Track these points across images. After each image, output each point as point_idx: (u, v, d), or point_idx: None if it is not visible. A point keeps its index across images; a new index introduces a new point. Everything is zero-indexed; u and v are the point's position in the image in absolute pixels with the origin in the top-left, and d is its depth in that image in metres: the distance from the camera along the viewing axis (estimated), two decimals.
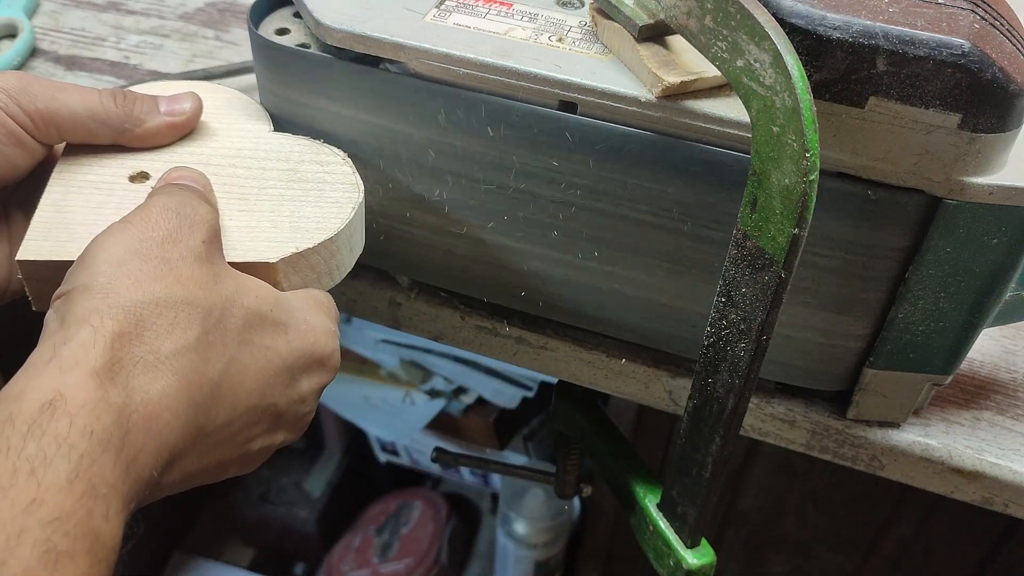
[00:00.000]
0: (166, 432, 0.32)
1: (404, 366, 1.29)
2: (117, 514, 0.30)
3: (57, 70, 0.70)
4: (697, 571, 0.46)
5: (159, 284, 0.34)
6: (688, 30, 0.37)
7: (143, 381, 0.32)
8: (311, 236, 0.42)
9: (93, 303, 0.33)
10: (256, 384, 0.36)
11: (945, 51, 0.35)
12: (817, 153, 0.32)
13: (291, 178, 0.45)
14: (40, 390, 0.30)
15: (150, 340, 0.33)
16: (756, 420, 0.50)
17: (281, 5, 0.49)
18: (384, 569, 1.27)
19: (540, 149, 0.43)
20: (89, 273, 0.34)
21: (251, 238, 0.41)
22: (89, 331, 0.32)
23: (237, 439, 0.36)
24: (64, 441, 0.29)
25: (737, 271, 0.37)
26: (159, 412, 0.32)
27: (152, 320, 0.33)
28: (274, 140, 0.47)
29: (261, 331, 0.37)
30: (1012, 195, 0.38)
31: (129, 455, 0.31)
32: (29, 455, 0.28)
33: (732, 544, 1.01)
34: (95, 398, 0.30)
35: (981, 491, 0.48)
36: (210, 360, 0.34)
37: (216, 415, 0.35)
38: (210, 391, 0.34)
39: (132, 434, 0.31)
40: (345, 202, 0.44)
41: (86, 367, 0.31)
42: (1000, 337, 0.54)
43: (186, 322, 0.34)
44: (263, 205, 0.43)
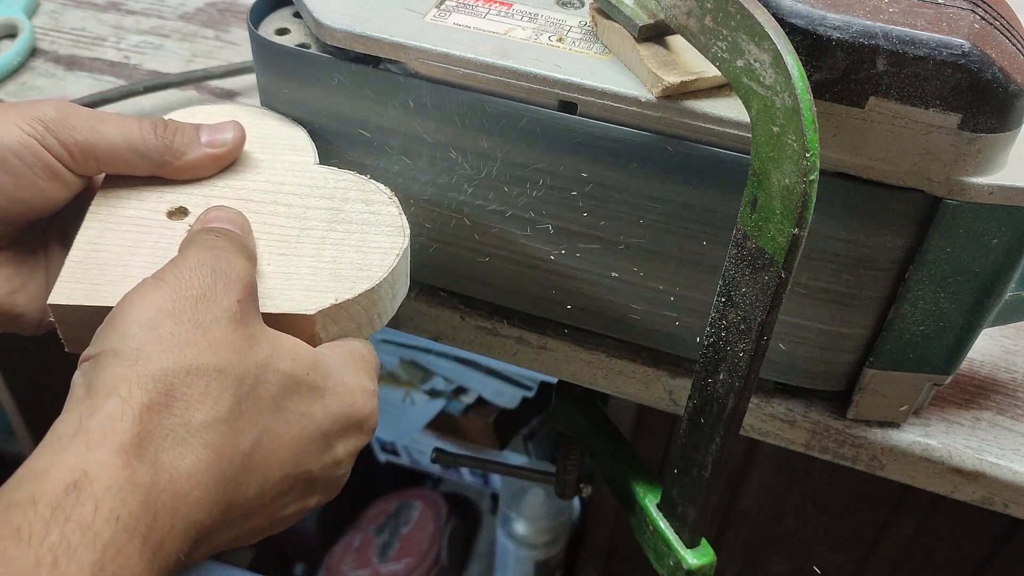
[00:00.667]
0: (195, 511, 0.31)
1: (404, 366, 1.29)
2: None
3: (57, 70, 0.70)
4: (697, 571, 0.46)
5: (191, 350, 0.33)
6: (688, 30, 0.37)
7: (172, 456, 0.31)
8: (352, 286, 0.40)
9: (122, 371, 0.32)
10: (290, 453, 0.35)
11: (945, 51, 0.35)
12: (817, 153, 0.32)
13: (334, 218, 0.43)
14: (65, 468, 0.29)
15: (180, 412, 0.32)
16: (756, 420, 0.50)
17: (281, 5, 0.49)
18: (384, 569, 1.27)
19: (540, 149, 0.43)
20: (119, 337, 0.33)
21: (289, 286, 0.40)
22: (117, 403, 0.31)
23: (268, 509, 0.35)
24: (89, 528, 0.28)
25: (737, 271, 0.37)
26: (188, 490, 0.31)
27: (183, 390, 0.32)
28: (319, 175, 0.45)
29: (297, 397, 0.35)
30: (1012, 195, 0.38)
31: (156, 540, 0.29)
32: (52, 544, 0.27)
33: (732, 544, 1.01)
34: (122, 479, 0.29)
35: (981, 491, 0.48)
36: (242, 431, 0.33)
37: (247, 488, 0.33)
38: (241, 463, 0.33)
39: (160, 517, 0.30)
40: (390, 248, 0.42)
41: (113, 443, 0.30)
42: (1000, 337, 0.54)
43: (218, 391, 0.33)
44: (304, 248, 0.42)
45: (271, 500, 0.35)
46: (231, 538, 0.34)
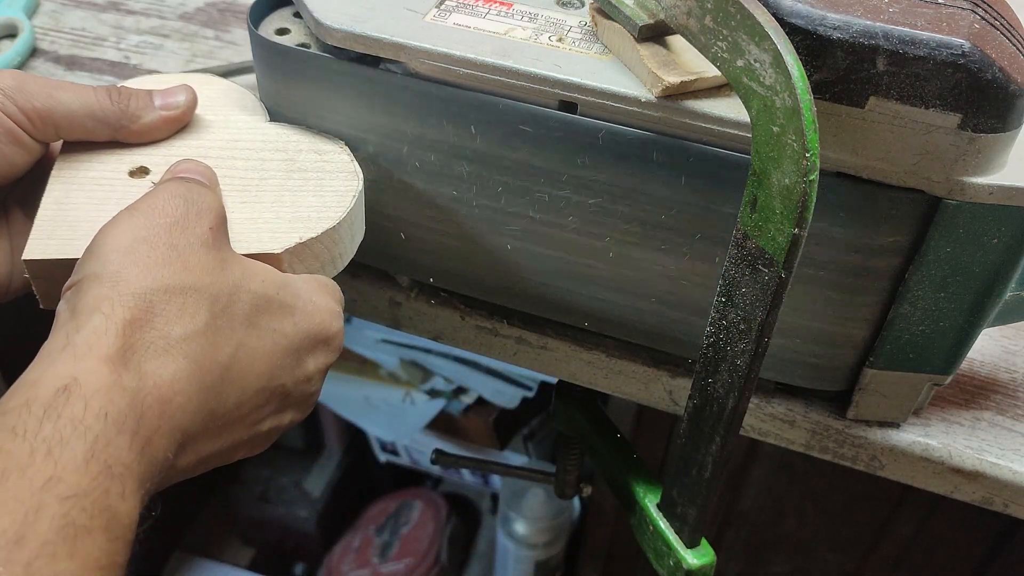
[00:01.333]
0: (179, 415, 0.33)
1: (404, 366, 1.29)
2: (133, 493, 0.31)
3: (57, 70, 0.70)
4: (697, 571, 0.47)
5: (167, 271, 0.35)
6: (688, 30, 0.37)
7: (155, 365, 0.33)
8: (314, 226, 0.42)
9: (103, 291, 0.34)
10: (264, 366, 0.37)
11: (945, 51, 0.35)
12: (817, 153, 0.32)
13: (290, 168, 0.45)
14: (55, 376, 0.31)
15: (160, 326, 0.34)
16: (756, 420, 0.50)
17: (281, 5, 0.49)
18: (384, 569, 1.27)
19: (540, 149, 0.43)
20: (98, 262, 0.35)
21: (255, 230, 0.42)
22: (100, 318, 0.33)
23: (247, 420, 0.37)
24: (80, 423, 0.30)
25: (737, 271, 0.37)
26: (171, 395, 0.33)
27: (162, 306, 0.34)
28: (271, 130, 0.47)
29: (268, 314, 0.38)
30: (1012, 195, 0.38)
31: (144, 437, 0.31)
32: (45, 436, 0.29)
33: (732, 544, 1.01)
34: (109, 382, 0.31)
35: (981, 491, 0.48)
36: (219, 344, 0.35)
37: (226, 397, 0.36)
38: (220, 374, 0.35)
39: (146, 417, 0.32)
40: (346, 191, 0.44)
41: (99, 353, 0.32)
42: (1000, 337, 0.54)
43: (194, 308, 0.35)
44: (264, 196, 0.44)
45: (249, 411, 0.37)
46: (214, 449, 0.36)
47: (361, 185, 0.45)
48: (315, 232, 0.42)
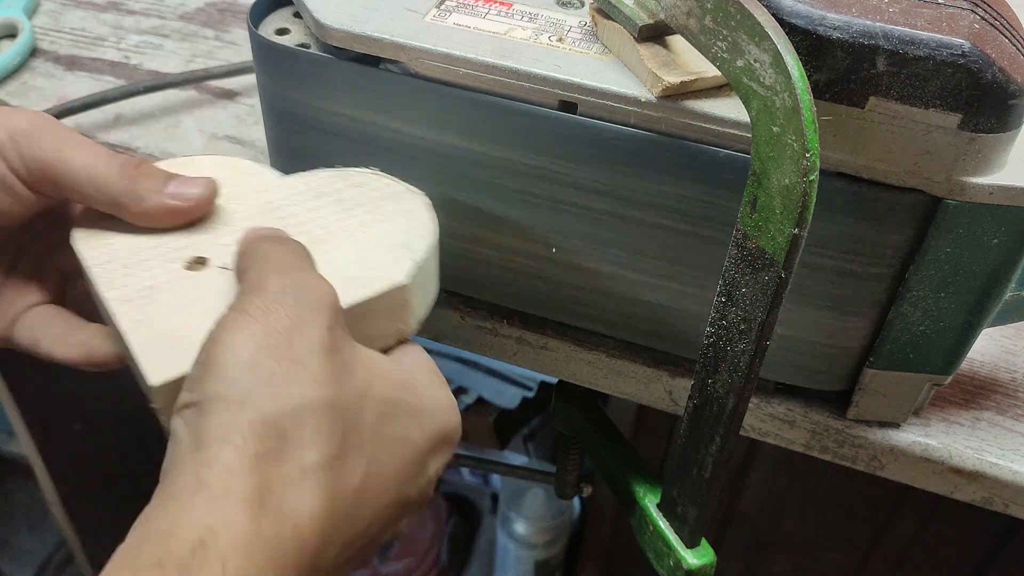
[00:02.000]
0: (315, 557, 0.30)
1: None
2: None
3: (57, 70, 0.70)
4: (697, 571, 0.46)
5: (296, 388, 0.32)
6: (688, 30, 0.37)
7: (293, 503, 0.30)
8: (417, 244, 0.41)
9: (231, 418, 0.31)
10: (394, 480, 0.34)
11: (945, 51, 0.35)
12: (817, 153, 0.32)
13: (345, 208, 0.43)
14: (189, 527, 0.28)
15: (295, 455, 0.31)
16: (756, 420, 0.50)
17: (281, 5, 0.49)
18: (384, 569, 1.27)
19: (539, 149, 0.43)
20: (221, 381, 0.32)
21: (366, 268, 0.40)
22: (232, 452, 0.30)
23: (375, 539, 0.34)
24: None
25: (737, 271, 0.37)
26: (309, 537, 0.30)
27: (295, 432, 0.31)
28: (297, 181, 0.45)
29: (395, 421, 0.35)
30: (1012, 195, 0.38)
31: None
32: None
33: (732, 544, 1.01)
34: (248, 533, 0.29)
35: (981, 491, 0.48)
36: (352, 466, 0.32)
37: (359, 523, 0.33)
38: (353, 499, 0.32)
39: (286, 570, 0.29)
40: (414, 209, 0.43)
41: (236, 496, 0.29)
42: (1000, 337, 0.54)
43: (328, 428, 0.32)
44: (344, 239, 0.41)
45: (378, 530, 0.34)
46: (341, 572, 0.33)
47: (425, 197, 0.43)
48: (424, 249, 0.41)
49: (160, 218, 0.41)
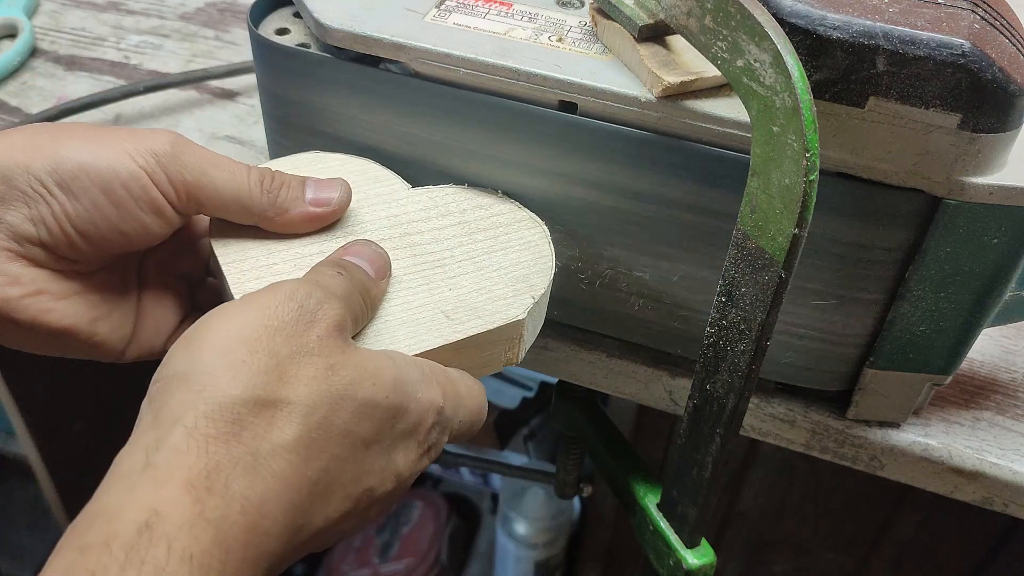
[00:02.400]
0: (264, 541, 0.31)
1: None
2: None
3: (57, 70, 0.70)
4: (697, 571, 0.47)
5: (260, 379, 0.32)
6: (688, 30, 0.37)
7: (241, 486, 0.30)
8: (537, 279, 0.42)
9: (189, 397, 0.31)
10: (353, 475, 0.35)
11: (945, 51, 0.35)
12: (817, 153, 0.32)
13: (468, 231, 0.44)
14: (136, 508, 0.29)
15: (248, 441, 0.31)
16: (756, 420, 0.50)
17: (281, 5, 0.49)
18: (384, 569, 1.27)
19: (539, 148, 0.43)
20: (190, 359, 0.32)
21: (488, 300, 0.41)
22: (182, 433, 0.30)
23: (331, 530, 0.35)
24: (163, 571, 0.28)
25: (737, 271, 0.37)
26: (258, 520, 0.31)
27: (250, 419, 0.31)
28: (423, 195, 0.45)
29: (370, 421, 0.35)
30: (1012, 195, 0.38)
31: (229, 574, 0.29)
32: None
33: (732, 544, 1.01)
34: (192, 515, 0.29)
35: (981, 491, 0.48)
36: (310, 459, 0.33)
37: (313, 514, 0.33)
38: (309, 491, 0.33)
39: (232, 551, 0.30)
40: (538, 239, 0.44)
41: (181, 478, 0.29)
42: (1000, 337, 0.54)
43: (284, 421, 0.32)
44: (467, 266, 0.42)
45: (336, 521, 0.35)
46: (295, 560, 0.34)
47: (545, 228, 0.44)
48: (544, 283, 0.41)
49: (302, 226, 0.42)
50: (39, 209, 0.38)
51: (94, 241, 0.39)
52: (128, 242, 0.40)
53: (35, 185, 0.38)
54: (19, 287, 0.39)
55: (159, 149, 0.39)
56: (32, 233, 0.38)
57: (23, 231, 0.38)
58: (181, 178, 0.39)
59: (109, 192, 0.38)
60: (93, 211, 0.38)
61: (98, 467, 0.50)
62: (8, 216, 0.38)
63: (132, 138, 0.39)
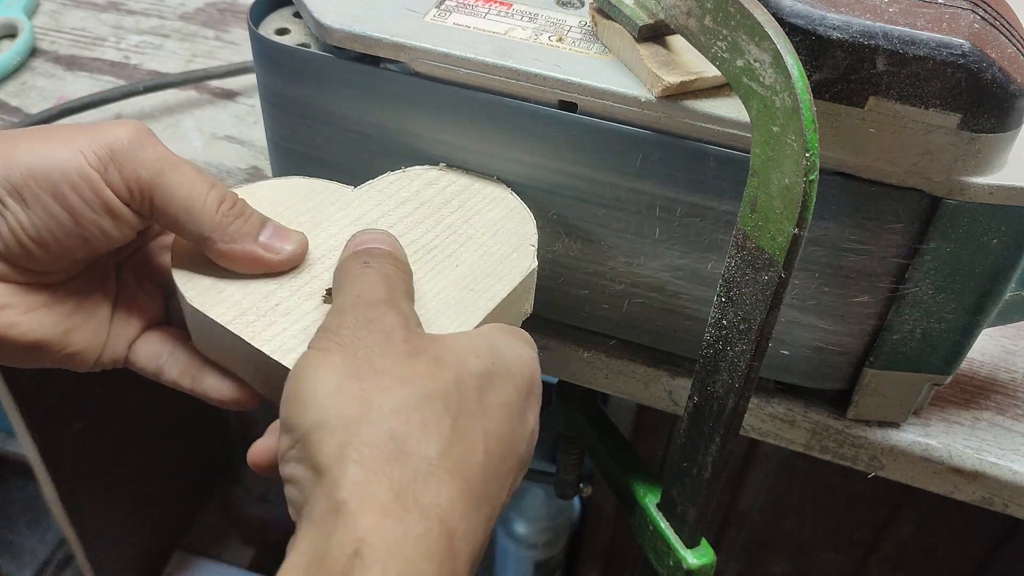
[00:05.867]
0: (465, 544, 0.30)
1: None
2: None
3: (57, 70, 0.70)
4: (697, 571, 0.47)
5: (390, 393, 0.32)
6: (688, 30, 0.37)
7: (430, 496, 0.30)
8: (525, 228, 0.43)
9: (339, 438, 0.31)
10: (508, 445, 0.34)
11: (945, 51, 0.35)
12: (817, 153, 0.32)
13: (433, 208, 0.43)
14: (342, 544, 0.28)
15: (414, 449, 0.31)
16: (756, 420, 0.50)
17: (281, 5, 0.49)
18: None
19: (539, 147, 0.43)
20: (315, 412, 0.32)
21: (495, 263, 0.41)
22: (356, 468, 0.30)
23: (503, 504, 0.35)
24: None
25: (737, 271, 0.37)
26: (456, 522, 0.30)
27: (405, 429, 0.31)
28: (370, 191, 0.45)
29: (493, 389, 0.35)
30: (1012, 195, 0.38)
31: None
32: None
33: (732, 544, 1.01)
34: (398, 536, 0.29)
35: (981, 491, 0.48)
36: (473, 446, 0.32)
37: (493, 495, 0.33)
38: (482, 477, 0.32)
39: (443, 563, 0.29)
40: (497, 192, 0.44)
41: (376, 506, 0.29)
42: (1000, 337, 0.54)
43: (435, 417, 0.32)
44: (455, 239, 0.42)
45: (507, 495, 0.35)
46: (485, 545, 0.34)
47: (493, 178, 0.44)
48: (532, 229, 0.42)
49: (245, 264, 0.40)
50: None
51: (52, 249, 0.37)
52: (88, 246, 0.38)
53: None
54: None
55: (115, 144, 0.37)
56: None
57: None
58: (135, 175, 0.37)
59: (59, 197, 0.36)
60: (47, 218, 0.37)
61: (98, 467, 0.50)
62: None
63: (89, 133, 0.37)
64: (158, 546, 1.33)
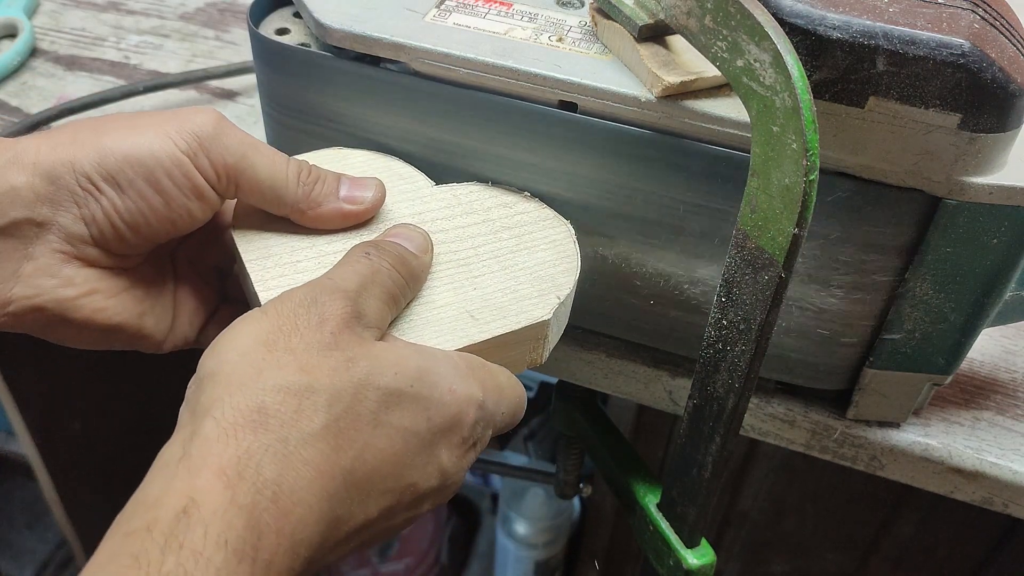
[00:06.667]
0: (299, 528, 0.31)
1: None
2: None
3: (57, 70, 0.70)
4: (697, 571, 0.47)
5: (281, 372, 0.33)
6: (688, 30, 0.37)
7: (272, 473, 0.31)
8: (562, 280, 0.42)
9: (217, 392, 0.32)
10: (392, 467, 0.35)
11: (945, 51, 0.35)
12: (817, 153, 0.32)
13: (492, 229, 0.43)
14: (174, 495, 0.30)
15: (275, 428, 0.32)
16: (756, 420, 0.50)
17: (281, 5, 0.49)
18: (384, 569, 1.27)
19: (540, 147, 0.43)
20: (217, 360, 0.34)
21: (513, 300, 0.40)
22: (212, 424, 0.31)
23: (377, 523, 0.35)
24: (201, 555, 0.28)
25: (737, 271, 0.37)
26: (291, 507, 0.31)
27: (276, 407, 0.32)
28: (447, 193, 0.45)
29: (398, 409, 0.35)
30: (1012, 195, 0.38)
31: (264, 560, 0.30)
32: (168, 571, 0.28)
33: (732, 544, 1.01)
34: (225, 501, 0.29)
35: (981, 491, 0.48)
36: (341, 448, 0.33)
37: (351, 504, 0.33)
38: (343, 480, 0.33)
39: (264, 536, 0.30)
40: (563, 239, 0.43)
41: (213, 465, 0.30)
42: (1000, 337, 0.54)
43: (311, 409, 0.32)
44: (492, 265, 0.42)
45: (378, 515, 0.35)
46: (342, 555, 0.34)
47: (570, 228, 0.44)
48: (569, 284, 0.41)
49: (333, 222, 0.42)
50: (89, 207, 0.38)
51: (143, 233, 0.39)
52: (174, 229, 0.40)
53: (83, 183, 0.38)
54: (73, 288, 0.39)
55: (202, 130, 0.39)
56: (84, 233, 0.38)
57: (75, 232, 0.38)
58: (223, 161, 0.39)
59: (153, 182, 0.38)
60: (140, 202, 0.38)
61: (98, 467, 0.50)
62: (59, 218, 0.38)
63: (175, 120, 0.39)
64: None
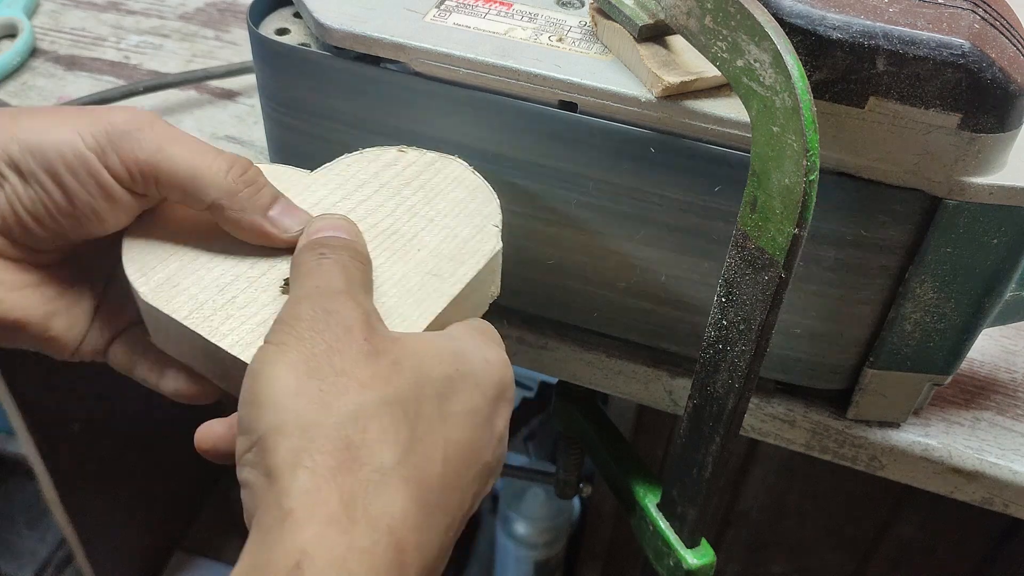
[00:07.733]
0: (417, 558, 0.30)
1: None
2: None
3: (57, 70, 0.70)
4: (697, 571, 0.47)
5: (349, 397, 0.31)
6: (688, 30, 0.37)
7: (380, 505, 0.29)
8: (488, 208, 0.42)
9: (294, 443, 0.30)
10: (470, 452, 0.34)
11: (945, 51, 0.35)
12: (817, 153, 0.32)
13: (393, 190, 0.42)
14: (284, 555, 0.28)
15: (368, 458, 0.30)
16: (756, 420, 0.50)
17: (281, 5, 0.49)
18: None
19: (540, 147, 0.43)
20: (272, 413, 0.31)
21: (460, 244, 0.40)
22: (307, 475, 0.29)
23: (468, 513, 0.34)
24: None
25: (737, 271, 0.37)
26: (406, 536, 0.29)
27: (360, 436, 0.30)
28: (328, 174, 0.44)
29: (456, 395, 0.34)
30: (1012, 195, 0.38)
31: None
32: None
33: (732, 544, 1.01)
34: (342, 548, 0.28)
35: (981, 491, 0.48)
36: (429, 454, 0.32)
37: (451, 506, 0.32)
38: (440, 486, 0.32)
39: (389, 572, 0.29)
40: (459, 171, 0.43)
41: (322, 516, 0.28)
42: (1000, 337, 0.54)
43: (392, 425, 0.31)
44: (417, 222, 0.41)
45: (469, 504, 0.34)
46: (445, 553, 0.33)
47: (454, 157, 0.43)
48: (495, 209, 0.41)
49: (249, 236, 0.39)
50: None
51: (48, 226, 0.38)
52: (82, 228, 0.38)
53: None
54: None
55: (113, 128, 0.37)
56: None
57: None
58: (134, 157, 0.37)
59: (54, 174, 0.36)
60: (42, 194, 0.37)
61: (98, 467, 0.50)
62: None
63: (90, 116, 0.37)
64: (158, 546, 1.33)
